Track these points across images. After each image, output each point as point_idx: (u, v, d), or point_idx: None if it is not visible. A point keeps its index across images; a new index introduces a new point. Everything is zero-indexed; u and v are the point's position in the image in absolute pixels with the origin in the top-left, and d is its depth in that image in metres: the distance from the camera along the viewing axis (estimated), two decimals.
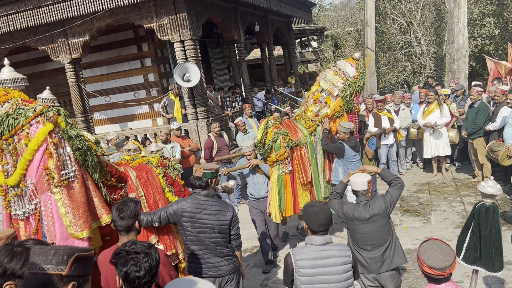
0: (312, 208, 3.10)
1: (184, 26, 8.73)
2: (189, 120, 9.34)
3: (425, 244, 2.63)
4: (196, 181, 3.99)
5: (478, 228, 3.42)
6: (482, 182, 3.52)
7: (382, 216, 3.71)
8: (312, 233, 3.09)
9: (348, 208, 3.83)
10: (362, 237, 3.77)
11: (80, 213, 3.22)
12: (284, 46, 16.69)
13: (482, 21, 15.58)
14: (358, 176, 3.97)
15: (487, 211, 3.44)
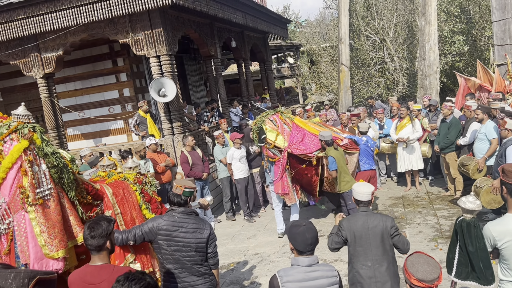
0: (297, 228, 2.98)
1: (160, 41, 8.71)
2: (165, 135, 9.26)
3: (411, 258, 2.66)
4: (175, 198, 3.94)
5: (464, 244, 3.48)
6: (462, 198, 3.58)
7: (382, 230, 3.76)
8: (299, 254, 2.97)
9: (347, 222, 3.87)
10: (364, 250, 3.78)
11: (55, 232, 3.13)
12: (261, 62, 16.83)
13: (452, 39, 16.10)
14: (362, 185, 3.95)
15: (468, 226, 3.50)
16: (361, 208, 3.89)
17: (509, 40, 11.23)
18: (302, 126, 7.62)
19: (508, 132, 5.88)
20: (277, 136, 7.31)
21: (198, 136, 9.91)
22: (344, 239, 3.85)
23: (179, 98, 9.25)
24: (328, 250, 6.68)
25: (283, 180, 7.27)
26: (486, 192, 5.86)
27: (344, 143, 7.31)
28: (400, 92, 17.57)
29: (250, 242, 7.70)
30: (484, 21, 16.74)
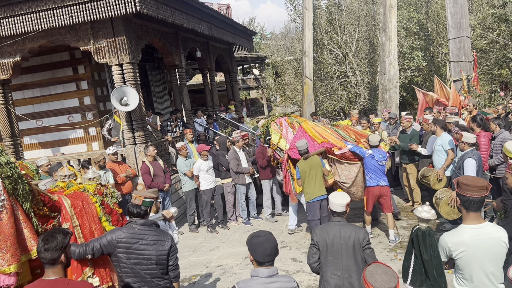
0: (257, 239, 2.96)
1: (122, 49, 8.57)
2: (127, 145, 9.08)
3: (369, 268, 2.70)
4: (134, 209, 3.85)
5: (420, 253, 3.56)
6: (418, 207, 3.70)
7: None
8: (258, 265, 2.95)
9: (320, 231, 3.88)
10: (335, 259, 3.78)
11: (8, 246, 2.99)
12: (226, 73, 16.87)
13: (411, 54, 16.68)
14: (337, 197, 3.95)
15: (424, 235, 3.59)
16: (335, 217, 3.93)
17: (464, 57, 11.76)
18: (307, 131, 7.80)
19: (465, 145, 6.11)
20: (280, 139, 7.81)
21: (161, 146, 9.77)
22: (317, 248, 3.87)
23: (142, 107, 9.11)
24: (290, 261, 6.76)
25: (286, 180, 7.71)
26: (445, 203, 6.05)
27: (342, 152, 7.29)
28: (361, 105, 18.01)
29: (212, 254, 7.61)
30: (441, 39, 17.47)
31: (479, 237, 3.06)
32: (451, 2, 11.68)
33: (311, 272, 6.28)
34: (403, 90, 16.87)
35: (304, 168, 7.05)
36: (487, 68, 16.96)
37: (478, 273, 3.06)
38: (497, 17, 15.29)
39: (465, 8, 11.79)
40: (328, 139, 7.54)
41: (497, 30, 16.45)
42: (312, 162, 7.08)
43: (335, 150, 7.32)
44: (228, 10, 22.96)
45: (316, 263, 3.92)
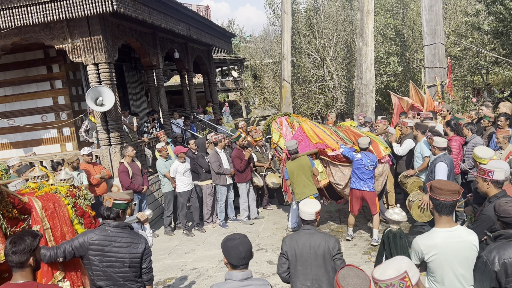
0: (231, 242, 2.94)
1: (99, 48, 8.44)
2: (101, 146, 8.92)
3: (342, 271, 2.70)
4: (105, 211, 3.78)
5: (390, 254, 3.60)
6: (389, 209, 3.74)
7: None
8: (232, 268, 2.93)
9: (289, 240, 3.80)
10: (304, 269, 3.70)
11: None
12: (205, 74, 16.79)
13: (387, 60, 16.94)
14: (307, 205, 3.87)
15: (394, 237, 3.64)
16: (305, 226, 3.84)
17: (438, 63, 12.03)
18: (305, 131, 7.84)
19: (435, 149, 6.23)
20: (280, 138, 7.93)
21: (137, 148, 9.65)
22: (286, 257, 3.79)
23: (118, 107, 8.98)
24: (266, 264, 6.75)
25: (284, 178, 7.73)
26: (417, 206, 6.15)
27: (335, 154, 7.31)
28: (338, 109, 18.19)
29: (188, 256, 7.55)
30: (416, 45, 17.81)
31: (451, 240, 3.11)
32: (427, 9, 11.93)
33: None
34: (379, 94, 17.12)
35: (292, 168, 7.09)
36: (460, 75, 17.38)
37: (449, 276, 3.12)
38: (470, 25, 15.66)
39: (439, 15, 12.06)
40: (324, 140, 7.54)
41: (470, 38, 16.88)
42: (300, 163, 7.09)
43: (329, 151, 7.35)
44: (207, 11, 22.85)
45: (285, 273, 3.84)
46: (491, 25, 14.58)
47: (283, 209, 9.85)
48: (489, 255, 2.90)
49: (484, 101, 13.22)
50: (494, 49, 16.58)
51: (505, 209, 2.93)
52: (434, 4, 11.91)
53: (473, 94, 15.81)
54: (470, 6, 17.58)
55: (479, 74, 20.08)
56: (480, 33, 16.24)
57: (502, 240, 2.93)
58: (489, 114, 7.87)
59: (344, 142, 7.58)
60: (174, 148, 9.03)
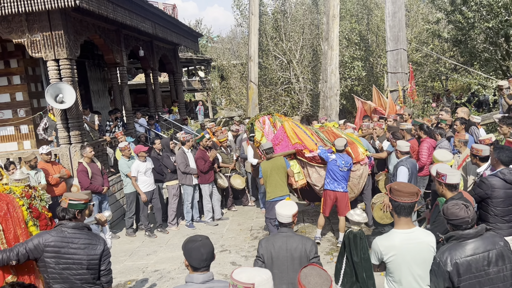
0: (193, 243, 2.87)
1: (60, 44, 8.17)
2: (61, 144, 8.64)
3: (304, 270, 2.71)
4: (61, 212, 3.65)
5: (351, 255, 3.65)
6: (351, 210, 3.79)
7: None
8: (194, 270, 2.86)
9: (266, 242, 3.73)
10: (280, 273, 3.63)
11: None
12: (170, 73, 16.59)
13: (352, 64, 17.29)
14: (284, 207, 3.80)
15: (355, 238, 3.69)
16: (282, 228, 3.78)
17: (400, 69, 12.36)
18: (287, 131, 7.83)
19: (398, 153, 6.37)
20: (262, 137, 7.90)
21: (98, 147, 9.41)
22: (262, 261, 3.71)
23: (79, 105, 8.72)
24: (229, 265, 6.72)
25: (260, 179, 7.64)
26: (379, 208, 6.28)
27: (312, 155, 7.33)
28: (304, 112, 18.38)
29: (150, 258, 7.41)
30: (380, 50, 18.25)
31: (409, 241, 3.18)
32: (390, 15, 12.24)
33: None
34: (343, 98, 17.42)
35: (266, 168, 7.09)
36: (421, 80, 17.94)
37: (406, 276, 3.19)
38: (431, 32, 16.22)
39: (402, 22, 12.40)
40: (303, 141, 7.56)
41: (431, 45, 17.47)
42: (275, 163, 7.10)
43: (306, 152, 7.39)
44: (174, 10, 22.60)
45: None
46: (451, 33, 15.15)
47: (247, 210, 9.85)
48: (442, 256, 2.99)
49: (444, 106, 13.69)
50: (453, 57, 17.22)
51: (453, 212, 3.02)
52: (397, 11, 12.23)
53: (433, 99, 16.35)
54: (431, 14, 18.20)
55: (439, 80, 20.80)
56: (440, 41, 16.84)
57: (454, 241, 3.02)
58: (447, 118, 8.14)
59: (324, 143, 7.68)
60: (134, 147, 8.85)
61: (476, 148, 5.02)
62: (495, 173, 4.43)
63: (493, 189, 4.32)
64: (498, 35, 12.90)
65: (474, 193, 4.44)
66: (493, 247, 2.96)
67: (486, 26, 12.78)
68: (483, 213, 4.45)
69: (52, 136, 9.17)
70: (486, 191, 4.35)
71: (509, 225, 4.37)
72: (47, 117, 9.31)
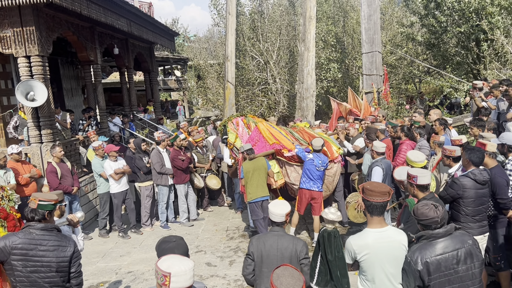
0: (167, 244, 2.85)
1: (31, 40, 7.96)
2: (32, 143, 8.42)
3: (277, 271, 2.72)
4: (30, 213, 3.54)
5: (325, 253, 3.66)
6: (325, 209, 3.81)
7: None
8: None
9: (256, 240, 3.68)
10: (269, 271, 3.52)
11: None
12: (146, 72, 16.36)
13: (328, 66, 17.44)
14: (278, 206, 3.78)
15: (329, 236, 3.70)
16: (273, 227, 3.76)
17: (375, 71, 12.52)
18: (262, 132, 7.82)
19: (374, 153, 6.46)
20: (236, 138, 7.85)
21: (70, 146, 9.21)
22: (252, 259, 3.68)
23: (51, 103, 8.51)
24: (205, 266, 6.68)
25: (241, 179, 7.64)
26: (353, 207, 6.34)
27: (291, 155, 7.36)
28: (280, 112, 18.44)
29: (123, 259, 7.29)
30: (355, 52, 18.47)
31: (382, 240, 3.22)
32: (366, 18, 12.39)
33: (225, 276, 6.28)
34: (319, 99, 17.56)
35: (248, 168, 7.09)
36: (395, 83, 18.23)
37: (379, 275, 3.22)
38: (405, 35, 16.53)
39: (378, 25, 12.57)
40: (281, 141, 7.61)
41: (405, 48, 17.78)
42: (257, 164, 7.12)
43: (285, 152, 7.42)
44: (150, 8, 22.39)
45: (250, 274, 3.71)
46: (424, 36, 15.46)
47: (223, 210, 9.81)
48: (413, 255, 3.04)
49: (417, 108, 13.95)
50: (427, 60, 17.58)
51: (422, 212, 3.08)
52: (373, 14, 12.40)
53: (406, 101, 16.65)
54: (405, 18, 18.53)
55: (412, 83, 21.20)
56: (414, 44, 17.17)
57: (424, 241, 3.08)
58: (421, 120, 8.28)
59: (299, 142, 7.74)
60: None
61: (449, 150, 5.12)
62: (466, 173, 4.53)
63: (464, 189, 4.42)
64: (470, 40, 13.23)
65: (446, 193, 4.54)
66: (462, 245, 3.02)
67: (458, 30, 13.10)
68: (454, 213, 4.55)
69: (23, 134, 8.94)
70: (457, 191, 4.45)
71: (479, 224, 4.48)
72: (17, 115, 9.07)
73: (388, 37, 18.06)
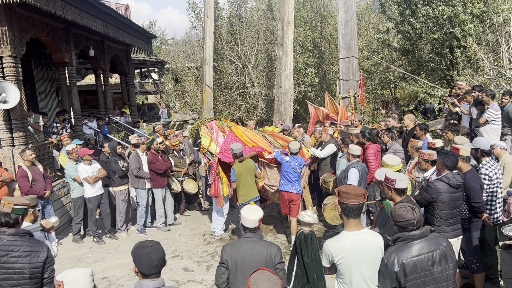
0: (143, 249, 2.79)
1: (3, 41, 7.76)
2: (3, 146, 8.19)
3: (254, 275, 2.70)
4: (3, 217, 3.43)
5: (302, 256, 3.66)
6: (302, 212, 3.81)
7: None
8: (143, 277, 2.77)
9: (230, 248, 3.60)
10: (245, 279, 3.45)
11: None
12: (122, 75, 16.16)
13: (306, 71, 17.57)
14: (249, 212, 3.69)
15: (306, 239, 3.71)
16: (246, 234, 3.67)
17: (352, 76, 12.67)
18: (238, 135, 7.85)
19: (350, 156, 6.53)
20: (211, 142, 7.81)
21: (44, 149, 8.99)
22: (226, 267, 3.57)
23: (23, 105, 8.30)
24: (181, 271, 6.60)
25: (215, 183, 7.70)
26: (330, 209, 6.38)
27: (272, 157, 7.44)
28: (258, 116, 18.46)
29: (98, 265, 7.14)
30: (332, 58, 18.66)
31: (358, 243, 3.24)
32: (343, 24, 12.54)
33: (202, 281, 6.23)
34: (297, 104, 17.65)
35: (240, 171, 7.07)
36: (371, 88, 18.50)
37: (356, 277, 3.24)
38: (381, 41, 16.80)
39: (354, 31, 12.74)
40: (258, 143, 7.69)
41: (381, 54, 18.07)
42: (247, 165, 7.14)
43: (266, 154, 7.50)
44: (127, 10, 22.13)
45: (224, 283, 3.60)
46: (400, 42, 15.74)
47: (200, 215, 9.74)
48: (389, 257, 3.08)
49: (392, 113, 14.17)
50: (402, 65, 17.89)
51: (400, 213, 3.12)
52: (350, 19, 12.56)
53: (382, 106, 16.89)
54: (381, 24, 18.84)
55: (388, 88, 21.55)
56: (390, 50, 17.46)
57: (400, 243, 3.12)
58: (395, 124, 8.41)
59: (274, 145, 7.82)
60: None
61: (427, 153, 5.19)
62: (440, 177, 4.60)
63: (439, 193, 4.49)
64: (443, 46, 13.53)
65: (421, 197, 4.60)
66: (437, 247, 3.07)
67: (432, 37, 13.38)
68: (429, 216, 4.61)
69: None
70: (432, 195, 4.51)
71: (453, 227, 4.56)
72: None
73: (365, 43, 18.32)
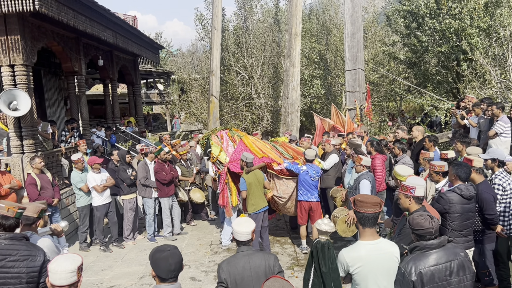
0: (161, 253, 2.78)
1: (15, 49, 7.85)
2: (13, 153, 8.23)
3: (268, 283, 2.68)
4: (5, 220, 3.43)
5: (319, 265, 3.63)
6: (319, 220, 3.79)
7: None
8: (161, 281, 2.76)
9: (227, 265, 3.49)
10: None
11: None
12: (129, 85, 16.26)
13: (311, 82, 17.62)
14: (241, 224, 3.58)
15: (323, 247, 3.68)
16: (240, 247, 3.57)
17: (358, 88, 12.71)
18: (248, 145, 7.84)
19: (363, 167, 6.51)
20: (221, 152, 7.80)
21: (52, 157, 9.02)
22: (225, 287, 3.43)
23: (34, 113, 8.37)
24: (189, 281, 6.57)
25: (224, 193, 7.66)
26: (341, 221, 6.35)
27: (280, 168, 7.44)
28: (264, 127, 18.49)
29: (105, 273, 7.12)
30: (338, 69, 18.73)
31: (375, 252, 3.23)
32: (349, 36, 12.61)
33: None
34: (302, 115, 17.66)
35: (250, 180, 7.07)
36: (377, 100, 18.52)
37: (372, 287, 3.22)
38: (387, 54, 16.86)
39: (361, 43, 12.81)
40: (268, 154, 7.69)
41: (387, 66, 18.12)
42: (257, 175, 7.14)
43: (275, 165, 7.49)
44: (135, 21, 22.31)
45: None
46: (406, 55, 15.79)
47: (207, 224, 9.71)
48: (407, 266, 3.05)
49: (399, 125, 14.17)
50: (408, 78, 17.92)
51: (418, 222, 3.11)
52: (356, 32, 12.63)
53: (389, 118, 16.90)
54: (388, 37, 18.93)
55: (393, 101, 21.57)
56: (396, 62, 17.51)
57: (418, 252, 3.10)
58: (404, 136, 8.41)
59: (284, 156, 7.81)
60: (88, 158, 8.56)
61: (438, 165, 5.18)
62: (453, 188, 4.59)
63: (451, 204, 4.47)
64: (450, 59, 13.56)
65: (433, 208, 4.58)
66: (455, 257, 3.05)
67: (439, 50, 13.42)
68: (441, 228, 4.59)
69: (2, 144, 8.73)
70: (444, 206, 4.50)
71: (465, 239, 4.53)
72: None
73: (371, 55, 18.40)
